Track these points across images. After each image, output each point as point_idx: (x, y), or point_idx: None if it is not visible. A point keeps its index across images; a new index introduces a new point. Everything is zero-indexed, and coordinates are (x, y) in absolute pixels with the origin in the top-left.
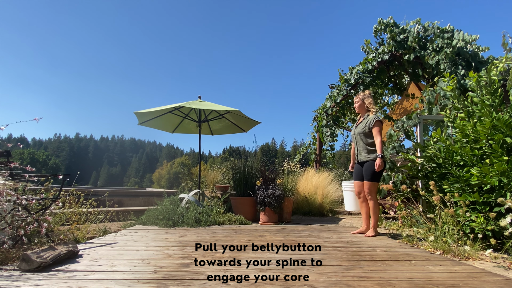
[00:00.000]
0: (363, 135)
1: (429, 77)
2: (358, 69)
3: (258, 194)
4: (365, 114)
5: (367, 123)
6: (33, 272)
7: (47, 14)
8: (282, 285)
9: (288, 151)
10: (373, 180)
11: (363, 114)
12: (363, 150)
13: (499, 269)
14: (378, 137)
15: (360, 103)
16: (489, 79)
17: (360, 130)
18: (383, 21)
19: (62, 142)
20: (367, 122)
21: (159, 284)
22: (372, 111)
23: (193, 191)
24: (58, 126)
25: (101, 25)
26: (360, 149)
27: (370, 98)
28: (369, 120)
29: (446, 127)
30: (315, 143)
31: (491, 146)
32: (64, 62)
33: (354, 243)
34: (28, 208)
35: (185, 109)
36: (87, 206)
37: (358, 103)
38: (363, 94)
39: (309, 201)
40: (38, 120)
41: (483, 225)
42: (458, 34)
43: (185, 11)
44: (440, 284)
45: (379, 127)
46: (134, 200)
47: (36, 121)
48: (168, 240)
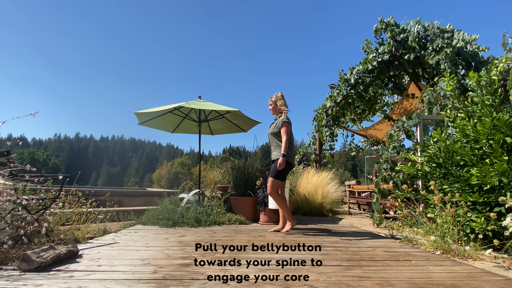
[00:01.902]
0: (274, 135)
1: (429, 77)
2: (358, 69)
3: (258, 194)
4: (278, 115)
5: (277, 124)
6: (33, 272)
7: (47, 14)
8: (282, 285)
9: None
10: (275, 177)
11: (276, 115)
12: (274, 149)
13: (499, 269)
14: (285, 137)
15: (273, 105)
16: (489, 79)
17: (271, 131)
18: (384, 20)
19: (62, 142)
20: (277, 123)
21: (159, 284)
22: (284, 112)
23: (193, 191)
24: (58, 126)
25: (101, 25)
26: (272, 148)
27: (282, 100)
28: (279, 121)
29: (446, 127)
30: (315, 143)
31: (491, 146)
32: (64, 62)
33: (354, 243)
34: (28, 208)
35: (185, 109)
36: (87, 206)
37: (272, 105)
38: (276, 96)
39: (309, 201)
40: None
41: (484, 225)
42: (458, 34)
43: (185, 10)
44: (440, 284)
45: (286, 127)
46: (134, 200)
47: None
48: (168, 240)
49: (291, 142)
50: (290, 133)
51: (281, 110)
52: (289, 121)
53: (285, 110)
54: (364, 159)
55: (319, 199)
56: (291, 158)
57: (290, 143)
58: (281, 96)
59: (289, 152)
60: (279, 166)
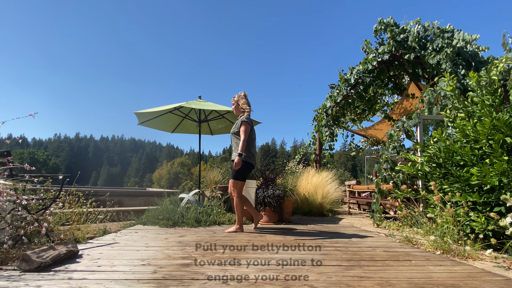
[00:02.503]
0: (234, 135)
1: (429, 77)
2: (358, 69)
3: (258, 194)
4: (240, 115)
5: (237, 123)
6: (33, 272)
7: (47, 14)
8: (282, 285)
9: (288, 151)
10: (235, 178)
11: (239, 114)
12: (234, 149)
13: (499, 269)
14: (242, 136)
15: (236, 105)
16: (489, 79)
17: (232, 130)
18: (383, 21)
19: (62, 142)
20: (237, 122)
21: (159, 284)
22: (246, 112)
23: (193, 191)
24: (58, 126)
25: (101, 25)
26: (233, 148)
27: (244, 99)
28: (239, 120)
29: (446, 127)
30: (315, 143)
31: (491, 146)
32: (64, 62)
33: (354, 243)
34: (28, 208)
35: (185, 109)
36: (87, 206)
37: (234, 105)
38: (238, 95)
39: (309, 201)
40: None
41: (484, 225)
42: (458, 34)
43: (186, 10)
44: (440, 284)
45: (245, 127)
46: (134, 200)
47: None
48: (168, 240)
49: (251, 142)
50: (249, 133)
51: (243, 109)
52: (249, 121)
53: (247, 109)
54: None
55: (319, 199)
56: (250, 158)
57: (249, 143)
58: (243, 96)
59: (247, 153)
60: (235, 165)
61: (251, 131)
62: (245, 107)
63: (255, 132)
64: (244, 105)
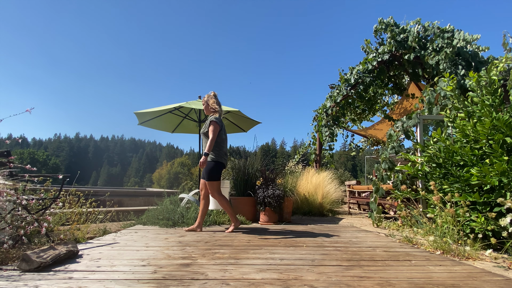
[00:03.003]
0: (204, 134)
1: (429, 77)
2: (358, 69)
3: (258, 194)
4: (210, 115)
5: (206, 123)
6: (33, 272)
7: (47, 14)
8: (282, 285)
9: (288, 151)
10: (208, 179)
11: (209, 114)
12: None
13: (499, 269)
14: (210, 135)
15: (205, 105)
16: (489, 79)
17: (202, 131)
18: (384, 21)
19: (62, 142)
20: (206, 122)
21: (159, 284)
22: (216, 112)
23: (193, 191)
24: (58, 126)
25: (101, 25)
26: (202, 148)
27: (213, 99)
28: (207, 120)
29: (446, 127)
30: (315, 143)
31: (491, 146)
32: (64, 62)
33: (354, 243)
34: (28, 208)
35: (185, 109)
36: (87, 206)
37: (204, 105)
38: (208, 95)
39: (309, 201)
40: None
41: (483, 225)
42: (459, 34)
43: (186, 10)
44: (440, 284)
45: (214, 126)
46: (134, 200)
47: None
48: (168, 240)
49: (222, 142)
50: (219, 133)
51: (213, 109)
52: (218, 121)
53: (216, 109)
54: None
55: (319, 199)
56: (221, 157)
57: (219, 144)
58: (213, 96)
59: (218, 152)
60: (200, 164)
61: (220, 131)
62: (215, 106)
63: (225, 133)
64: (214, 105)
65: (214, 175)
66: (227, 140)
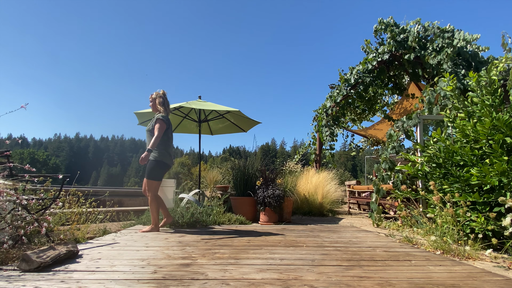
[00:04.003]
0: (149, 133)
1: (429, 77)
2: (358, 69)
3: (258, 194)
4: (156, 113)
5: (152, 121)
6: (33, 272)
7: (47, 14)
8: (282, 285)
9: (288, 151)
10: (149, 178)
11: (155, 112)
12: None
13: (499, 269)
14: (156, 132)
15: (153, 102)
16: (489, 79)
17: (147, 128)
18: (383, 21)
19: (62, 142)
20: (153, 120)
21: (159, 284)
22: (162, 111)
23: (193, 191)
24: (58, 126)
25: (101, 25)
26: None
27: (160, 98)
28: (154, 118)
29: (446, 127)
30: (315, 143)
31: (491, 146)
32: (64, 62)
33: (354, 243)
34: (28, 208)
35: (185, 109)
36: (87, 206)
37: (151, 103)
38: (156, 93)
39: (309, 201)
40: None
41: (483, 225)
42: (459, 34)
43: (186, 10)
44: (440, 284)
45: (160, 124)
46: (134, 200)
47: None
48: (168, 240)
49: (167, 141)
50: (165, 132)
51: (158, 108)
52: (165, 120)
53: (161, 109)
54: (364, 159)
55: (319, 199)
56: (166, 158)
57: (165, 143)
58: (162, 94)
59: (163, 151)
60: (140, 160)
61: (167, 130)
62: (159, 107)
63: (172, 132)
64: (159, 105)
65: (155, 174)
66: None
